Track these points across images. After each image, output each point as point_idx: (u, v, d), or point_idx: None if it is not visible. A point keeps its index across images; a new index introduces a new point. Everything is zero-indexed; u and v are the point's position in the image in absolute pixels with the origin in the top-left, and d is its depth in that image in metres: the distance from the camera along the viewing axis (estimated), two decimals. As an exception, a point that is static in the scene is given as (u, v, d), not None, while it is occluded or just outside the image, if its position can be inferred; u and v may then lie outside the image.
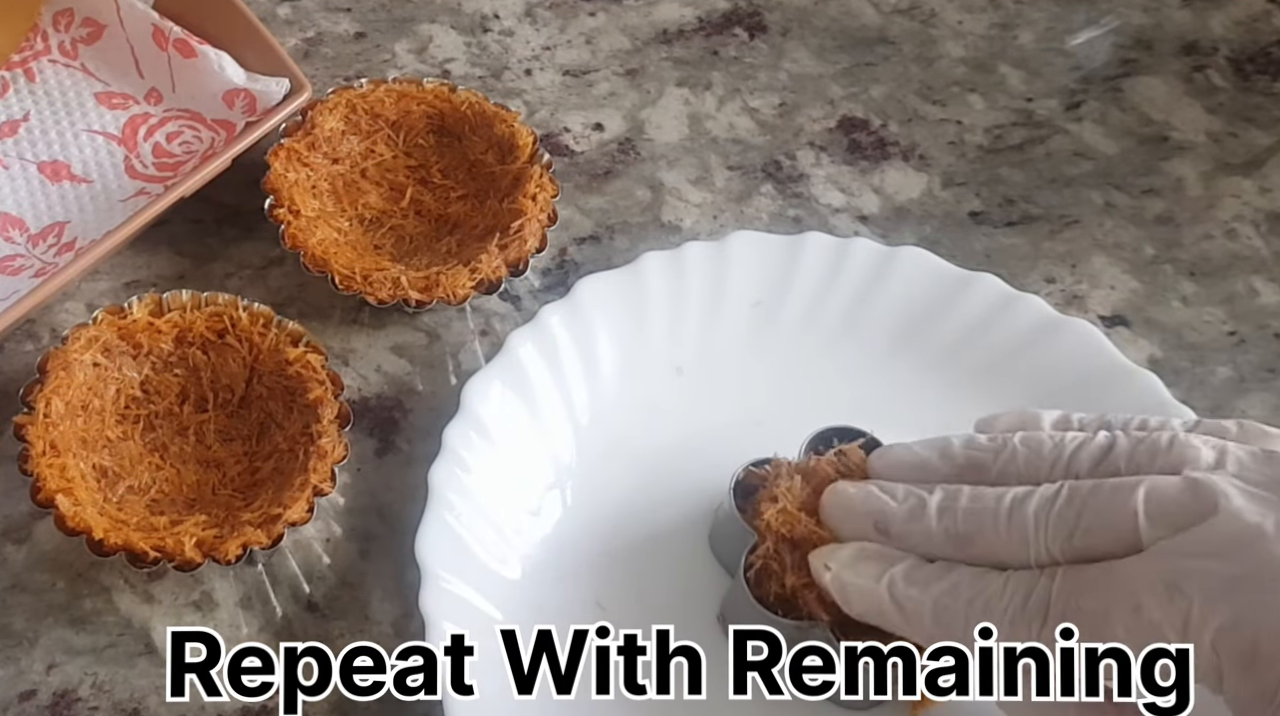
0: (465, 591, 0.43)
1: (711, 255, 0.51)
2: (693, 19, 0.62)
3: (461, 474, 0.45)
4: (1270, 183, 0.58)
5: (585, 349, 0.49)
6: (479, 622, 0.43)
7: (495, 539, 0.45)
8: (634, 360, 0.49)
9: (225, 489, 0.46)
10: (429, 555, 0.43)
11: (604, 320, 0.49)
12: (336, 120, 0.52)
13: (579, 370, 0.48)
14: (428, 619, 0.42)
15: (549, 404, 0.48)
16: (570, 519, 0.46)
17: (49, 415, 0.44)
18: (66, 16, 0.55)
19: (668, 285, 0.50)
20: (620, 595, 0.45)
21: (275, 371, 0.47)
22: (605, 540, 0.46)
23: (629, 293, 0.50)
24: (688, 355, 0.50)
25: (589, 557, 0.45)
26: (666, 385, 0.49)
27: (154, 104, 0.54)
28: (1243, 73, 0.62)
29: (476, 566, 0.44)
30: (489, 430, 0.46)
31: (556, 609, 0.44)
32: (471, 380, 0.47)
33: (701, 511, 0.46)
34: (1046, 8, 0.64)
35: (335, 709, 0.43)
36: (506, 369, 0.47)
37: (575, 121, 0.58)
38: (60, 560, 0.45)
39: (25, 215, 0.51)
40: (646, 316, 0.50)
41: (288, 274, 0.52)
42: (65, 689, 0.43)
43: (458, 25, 0.60)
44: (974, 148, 0.58)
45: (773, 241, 0.51)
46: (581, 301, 0.49)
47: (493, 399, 0.47)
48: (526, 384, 0.47)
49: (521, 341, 0.48)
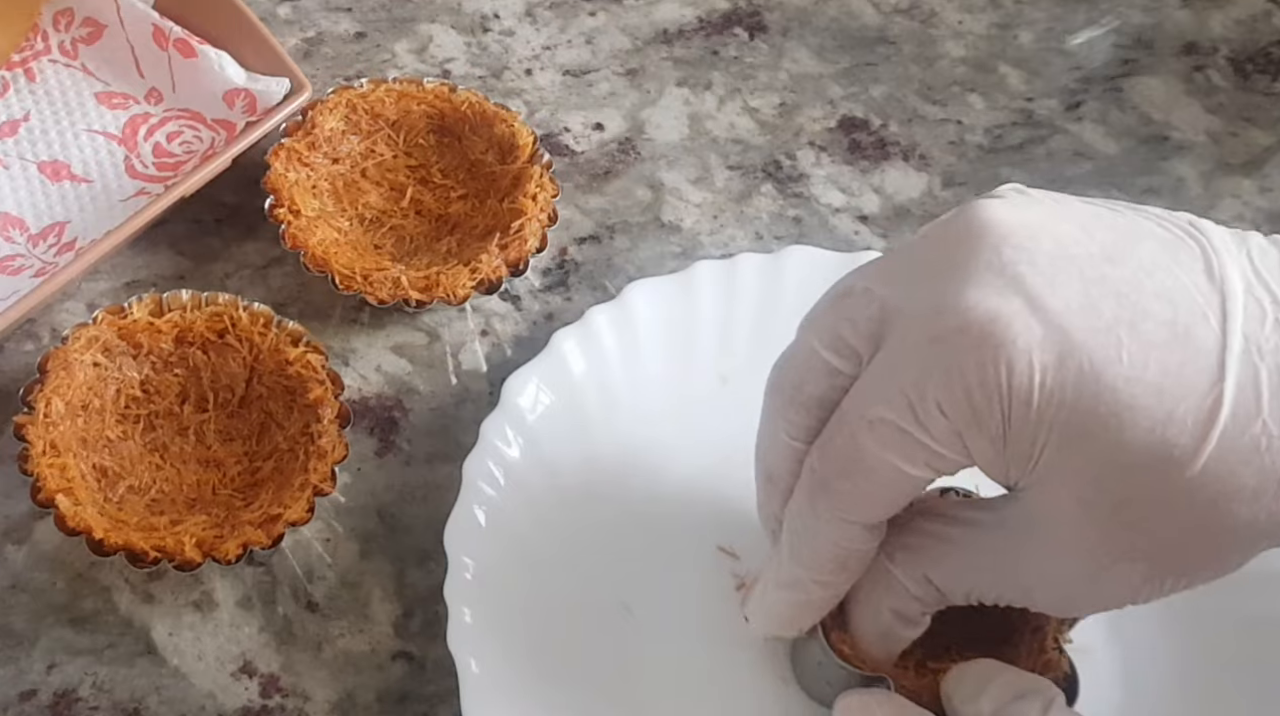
0: (487, 583, 0.43)
1: (766, 268, 0.50)
2: (693, 19, 0.62)
3: (495, 468, 0.45)
4: (1270, 183, 0.58)
5: (630, 351, 0.49)
6: (501, 616, 0.43)
7: (524, 535, 0.45)
8: (679, 366, 0.49)
9: (225, 489, 0.46)
10: (455, 544, 0.43)
11: (652, 324, 0.49)
12: (336, 120, 0.52)
13: (621, 372, 0.48)
14: (450, 607, 0.42)
15: (589, 403, 0.48)
16: (601, 519, 0.46)
17: (49, 415, 0.44)
18: (66, 16, 0.55)
19: (719, 294, 0.50)
20: (648, 600, 0.44)
21: (275, 371, 0.47)
22: (634, 544, 0.46)
23: (679, 299, 0.50)
24: (734, 366, 0.49)
25: (617, 560, 0.45)
26: (711, 394, 0.49)
27: (154, 104, 0.54)
28: (1243, 73, 0.62)
29: (502, 560, 0.44)
30: (528, 425, 0.46)
31: (581, 609, 0.44)
32: (514, 375, 0.47)
33: (736, 520, 0.46)
34: (1046, 8, 0.63)
35: (335, 709, 0.43)
36: (549, 366, 0.47)
37: (575, 121, 0.58)
38: (60, 560, 0.45)
39: (25, 215, 0.51)
40: (696, 324, 0.50)
41: (288, 274, 0.52)
42: (65, 689, 0.43)
43: (458, 25, 0.60)
44: (974, 147, 0.58)
45: (829, 258, 0.51)
46: (631, 304, 0.49)
47: (533, 395, 0.47)
48: (569, 381, 0.47)
49: (566, 338, 0.48)
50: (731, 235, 0.55)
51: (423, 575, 0.46)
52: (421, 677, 0.44)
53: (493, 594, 0.43)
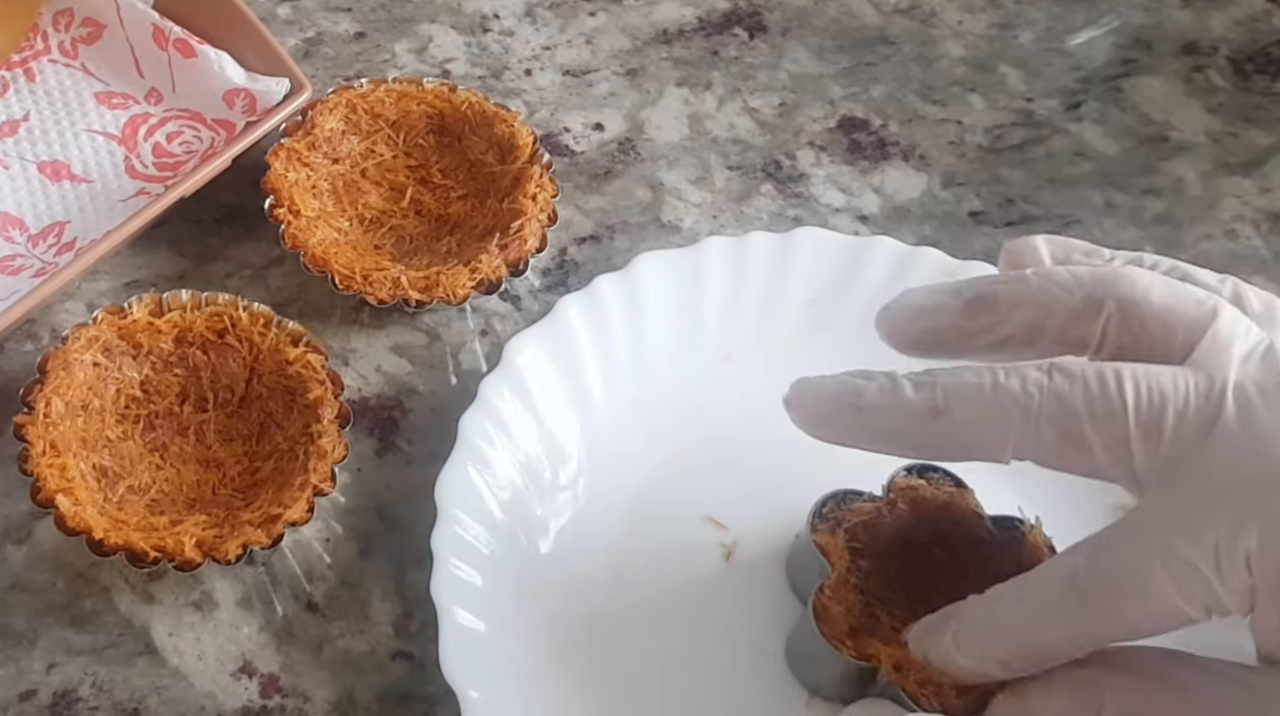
0: (478, 538, 0.44)
1: (776, 247, 0.51)
2: (693, 19, 0.62)
3: (491, 426, 0.45)
4: (1270, 183, 0.58)
5: (635, 321, 0.49)
6: (488, 568, 0.43)
7: (516, 495, 0.45)
8: (682, 339, 0.49)
9: (225, 489, 0.46)
10: (447, 496, 0.44)
11: (658, 296, 0.49)
12: (336, 120, 0.52)
13: (624, 341, 0.49)
14: (438, 558, 0.42)
15: (591, 369, 0.48)
16: (593, 486, 0.47)
17: (49, 415, 0.44)
18: (66, 16, 0.55)
19: (727, 270, 0.50)
20: (633, 565, 0.45)
21: (275, 371, 0.47)
22: (623, 509, 0.46)
23: (687, 272, 0.50)
24: (737, 343, 0.50)
25: (606, 525, 0.46)
26: (713, 369, 0.49)
27: (154, 104, 0.54)
28: (1243, 73, 0.62)
29: (492, 517, 0.44)
30: (527, 387, 0.47)
31: (568, 570, 0.45)
32: (516, 337, 0.47)
33: (727, 494, 0.46)
34: (1046, 8, 0.63)
35: (335, 709, 0.43)
36: (553, 330, 0.48)
37: (575, 121, 0.58)
38: (60, 560, 0.45)
39: (25, 215, 0.51)
40: (702, 298, 0.50)
41: (288, 274, 0.52)
42: (65, 689, 0.43)
43: (458, 25, 0.60)
44: (974, 147, 0.58)
45: (839, 241, 0.51)
46: (638, 274, 0.49)
47: (534, 357, 0.47)
48: (572, 346, 0.48)
49: (570, 304, 0.48)
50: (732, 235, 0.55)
51: (423, 575, 0.45)
52: (421, 677, 0.44)
53: (480, 549, 0.44)
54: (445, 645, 0.41)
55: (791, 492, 0.45)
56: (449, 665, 0.41)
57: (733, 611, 0.44)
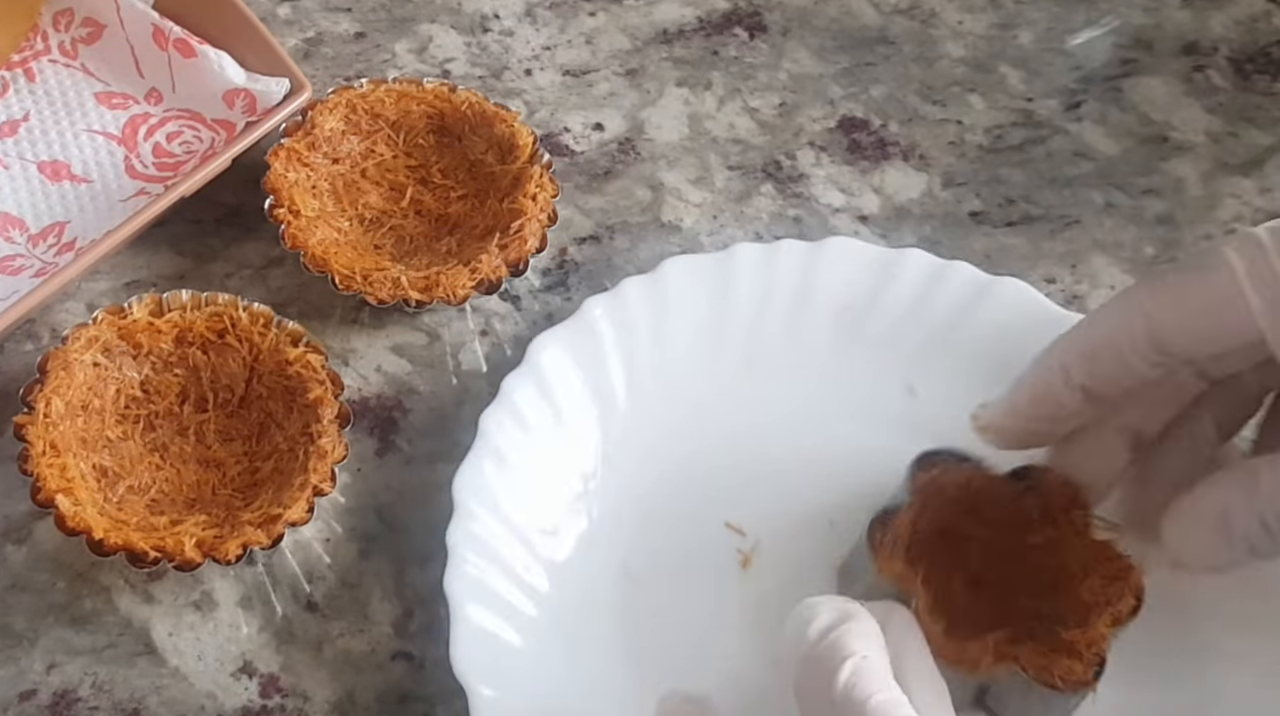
0: (494, 534, 0.44)
1: (807, 255, 0.50)
2: (693, 19, 0.62)
3: (511, 423, 0.45)
4: (1270, 183, 0.58)
5: (660, 324, 0.49)
6: (503, 566, 0.43)
7: (534, 494, 0.45)
8: (707, 345, 0.49)
9: (225, 489, 0.46)
10: (465, 492, 0.44)
11: (684, 300, 0.49)
12: (336, 120, 0.52)
13: (649, 344, 0.49)
14: (452, 553, 0.42)
15: (614, 370, 0.48)
16: (611, 487, 0.46)
17: (49, 415, 0.44)
18: (66, 16, 0.55)
19: (756, 277, 0.50)
20: (650, 567, 0.45)
21: (275, 371, 0.47)
22: (641, 511, 0.46)
23: (715, 277, 0.50)
24: (762, 350, 0.49)
25: (623, 527, 0.46)
26: (736, 375, 0.49)
27: (154, 104, 0.54)
28: (1243, 73, 0.62)
29: (508, 515, 0.44)
30: (549, 385, 0.47)
31: (583, 570, 0.45)
32: (540, 335, 0.47)
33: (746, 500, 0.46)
34: (1046, 8, 0.63)
35: (335, 709, 0.43)
36: (577, 330, 0.48)
37: (575, 121, 0.58)
38: (60, 560, 0.45)
39: (25, 215, 0.51)
40: (728, 304, 0.50)
41: (288, 274, 0.52)
42: (65, 689, 0.43)
43: (458, 25, 0.60)
44: (974, 148, 0.58)
45: (870, 252, 0.51)
46: (666, 278, 0.49)
47: (557, 356, 0.47)
48: (596, 348, 0.48)
49: (596, 306, 0.48)
50: (731, 235, 0.55)
51: (423, 575, 0.46)
52: (421, 677, 0.44)
53: (495, 546, 0.44)
54: (456, 641, 0.41)
55: (810, 499, 0.46)
56: (460, 661, 0.41)
57: (749, 616, 0.44)
